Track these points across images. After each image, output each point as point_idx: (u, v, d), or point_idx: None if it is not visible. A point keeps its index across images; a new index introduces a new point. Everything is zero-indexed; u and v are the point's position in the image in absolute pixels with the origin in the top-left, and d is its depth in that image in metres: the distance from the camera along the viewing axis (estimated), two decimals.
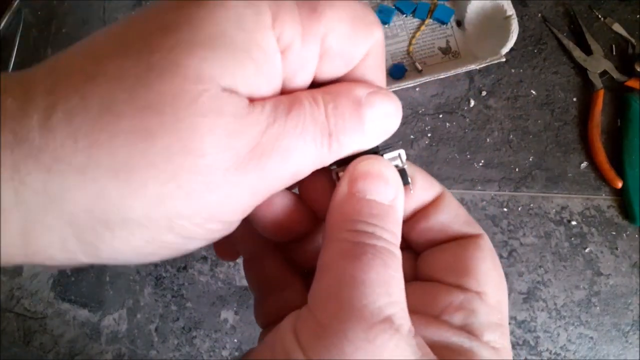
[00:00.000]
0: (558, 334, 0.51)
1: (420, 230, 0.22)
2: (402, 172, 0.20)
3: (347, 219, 0.18)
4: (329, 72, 0.19)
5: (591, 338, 0.50)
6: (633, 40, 0.54)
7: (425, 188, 0.21)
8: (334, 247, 0.17)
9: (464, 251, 0.20)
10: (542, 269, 0.52)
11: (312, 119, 0.17)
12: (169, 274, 0.52)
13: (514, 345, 0.51)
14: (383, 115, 0.18)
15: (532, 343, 0.51)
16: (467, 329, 0.19)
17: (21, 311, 0.53)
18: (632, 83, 0.53)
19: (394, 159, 0.20)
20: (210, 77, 0.15)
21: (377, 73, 0.20)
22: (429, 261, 0.22)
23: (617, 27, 0.55)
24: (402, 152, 0.20)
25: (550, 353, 0.50)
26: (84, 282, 0.53)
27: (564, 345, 0.50)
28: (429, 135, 0.54)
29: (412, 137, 0.54)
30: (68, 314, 0.52)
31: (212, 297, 0.52)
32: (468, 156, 0.54)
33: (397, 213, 0.19)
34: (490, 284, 0.20)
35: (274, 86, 0.17)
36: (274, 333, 0.18)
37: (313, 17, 0.17)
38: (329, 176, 0.20)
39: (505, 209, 0.53)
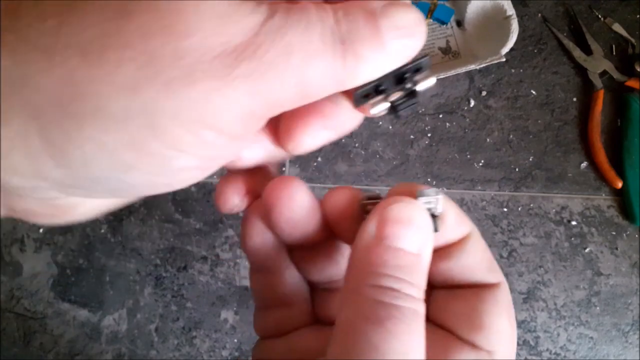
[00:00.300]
0: (558, 334, 0.51)
1: (440, 270, 0.20)
2: (434, 218, 0.18)
3: (373, 271, 0.16)
4: None
5: (591, 338, 0.50)
6: (633, 40, 0.54)
7: (455, 227, 0.19)
8: (355, 303, 0.16)
9: (481, 303, 0.19)
10: (542, 269, 0.52)
11: (318, 17, 0.15)
12: (169, 274, 0.52)
13: None
14: (403, 26, 0.16)
15: (532, 343, 0.51)
16: None
17: (21, 311, 0.53)
18: (632, 83, 0.53)
19: (430, 202, 0.18)
20: None
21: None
22: (442, 304, 0.20)
23: (617, 27, 0.55)
24: (442, 197, 0.18)
25: (550, 353, 0.50)
26: (84, 282, 0.53)
27: (564, 345, 0.50)
28: (429, 135, 0.54)
29: (412, 137, 0.54)
30: (68, 314, 0.52)
31: (212, 297, 0.52)
32: (468, 156, 0.54)
33: (424, 263, 0.17)
34: (502, 342, 0.19)
35: None
36: None
37: None
38: (356, 206, 0.19)
39: (505, 209, 0.53)
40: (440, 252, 0.20)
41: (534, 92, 0.55)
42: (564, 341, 0.50)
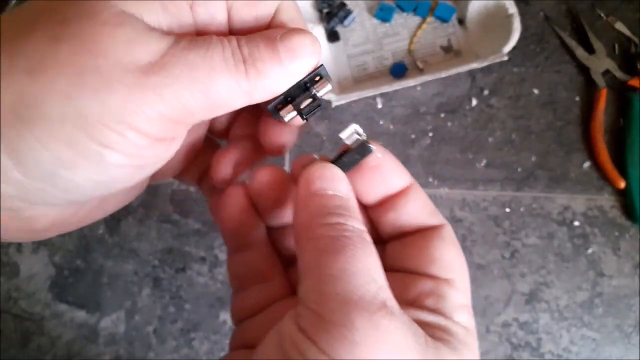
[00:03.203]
0: (560, 336, 0.50)
1: (388, 220, 0.23)
2: (364, 144, 0.21)
3: (318, 215, 0.19)
4: (242, 26, 0.21)
5: (594, 339, 0.50)
6: (636, 39, 0.54)
7: (396, 175, 0.23)
8: (314, 245, 0.19)
9: (430, 242, 0.22)
10: (544, 269, 0.51)
11: (219, 44, 0.19)
12: (167, 275, 0.52)
13: (516, 347, 0.50)
14: (298, 48, 0.20)
15: (534, 344, 0.50)
16: (439, 312, 0.20)
17: (18, 312, 0.52)
18: (634, 82, 0.52)
19: (350, 135, 0.21)
20: (115, 3, 0.18)
21: (294, 24, 0.21)
22: (396, 252, 0.23)
23: (620, 26, 0.54)
24: (356, 125, 0.21)
25: (552, 354, 0.50)
26: (81, 284, 0.52)
27: (567, 346, 0.50)
28: (431, 134, 0.53)
29: (413, 136, 0.53)
30: (65, 316, 0.52)
31: (210, 299, 0.51)
32: (470, 156, 0.53)
33: (355, 204, 0.21)
34: (455, 271, 0.22)
35: (185, 29, 0.19)
36: (275, 336, 0.18)
37: None
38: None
39: (507, 210, 0.52)
40: (387, 204, 0.23)
41: (536, 91, 0.54)
42: (566, 342, 0.50)
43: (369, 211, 0.24)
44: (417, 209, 0.23)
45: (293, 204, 0.24)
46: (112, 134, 0.18)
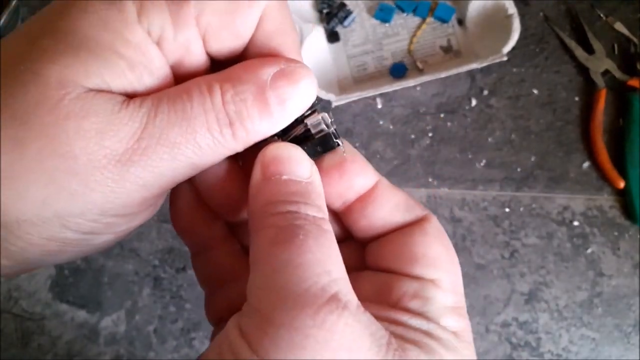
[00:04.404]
0: (560, 335, 0.50)
1: (362, 222, 0.21)
2: (329, 137, 0.19)
3: (269, 203, 0.18)
4: (223, 48, 0.18)
5: (593, 339, 0.50)
6: (635, 40, 0.54)
7: (359, 173, 0.20)
8: (262, 236, 0.17)
9: (410, 238, 0.20)
10: (544, 269, 0.51)
11: (202, 110, 0.17)
12: (168, 275, 0.52)
13: (515, 347, 0.50)
14: (292, 96, 0.18)
15: (533, 344, 0.50)
16: (424, 316, 0.19)
17: (19, 312, 0.52)
18: (634, 82, 0.53)
19: (317, 124, 0.19)
20: (73, 81, 0.16)
21: (281, 37, 0.19)
22: (376, 252, 0.21)
23: (619, 26, 0.55)
24: (325, 115, 0.19)
25: (552, 354, 0.50)
26: (82, 283, 0.52)
27: (566, 346, 0.50)
28: (430, 134, 0.54)
29: (413, 136, 0.54)
30: (66, 315, 0.52)
31: None
32: (470, 156, 0.53)
33: (317, 188, 0.19)
34: (442, 268, 0.20)
35: (160, 77, 0.17)
36: (221, 334, 0.17)
37: (180, 2, 0.17)
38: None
39: (507, 209, 0.52)
40: (356, 206, 0.21)
41: (535, 92, 0.54)
42: (565, 342, 0.50)
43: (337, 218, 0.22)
44: (389, 210, 0.21)
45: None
46: (94, 224, 0.17)
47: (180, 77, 0.18)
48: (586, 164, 0.53)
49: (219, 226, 0.23)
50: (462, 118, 0.54)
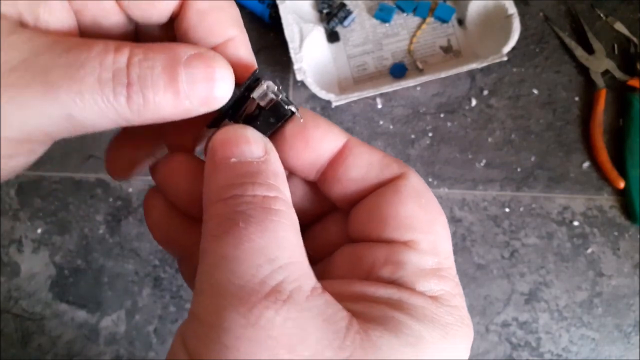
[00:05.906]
0: (560, 335, 0.50)
1: (337, 190, 0.19)
2: (278, 105, 0.18)
3: (217, 189, 0.16)
4: (144, 16, 0.17)
5: (593, 339, 0.50)
6: (635, 40, 0.54)
7: (323, 137, 0.19)
8: (205, 229, 0.16)
9: (381, 198, 0.18)
10: (544, 269, 0.51)
11: (97, 62, 0.15)
12: (168, 275, 0.52)
13: (515, 346, 0.50)
14: (204, 80, 0.16)
15: (533, 344, 0.50)
16: (397, 283, 0.17)
17: (19, 312, 0.52)
18: (634, 82, 0.53)
19: (263, 95, 0.18)
20: None
21: (215, 13, 0.18)
22: (354, 219, 0.19)
23: (619, 26, 0.55)
24: (270, 83, 0.18)
25: (552, 354, 0.50)
26: (82, 283, 0.52)
27: (566, 346, 0.50)
28: (430, 134, 0.54)
29: (413, 136, 0.54)
30: (66, 315, 0.52)
31: None
32: (470, 156, 0.53)
33: (271, 165, 0.17)
34: (417, 229, 0.18)
35: (61, 20, 0.16)
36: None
37: None
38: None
39: (507, 209, 0.52)
40: (329, 171, 0.19)
41: (535, 92, 0.54)
42: (565, 342, 0.50)
43: (316, 188, 0.21)
44: (362, 169, 0.19)
45: None
46: None
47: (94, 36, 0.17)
48: (586, 164, 0.53)
49: (197, 230, 0.21)
50: (462, 118, 0.54)
